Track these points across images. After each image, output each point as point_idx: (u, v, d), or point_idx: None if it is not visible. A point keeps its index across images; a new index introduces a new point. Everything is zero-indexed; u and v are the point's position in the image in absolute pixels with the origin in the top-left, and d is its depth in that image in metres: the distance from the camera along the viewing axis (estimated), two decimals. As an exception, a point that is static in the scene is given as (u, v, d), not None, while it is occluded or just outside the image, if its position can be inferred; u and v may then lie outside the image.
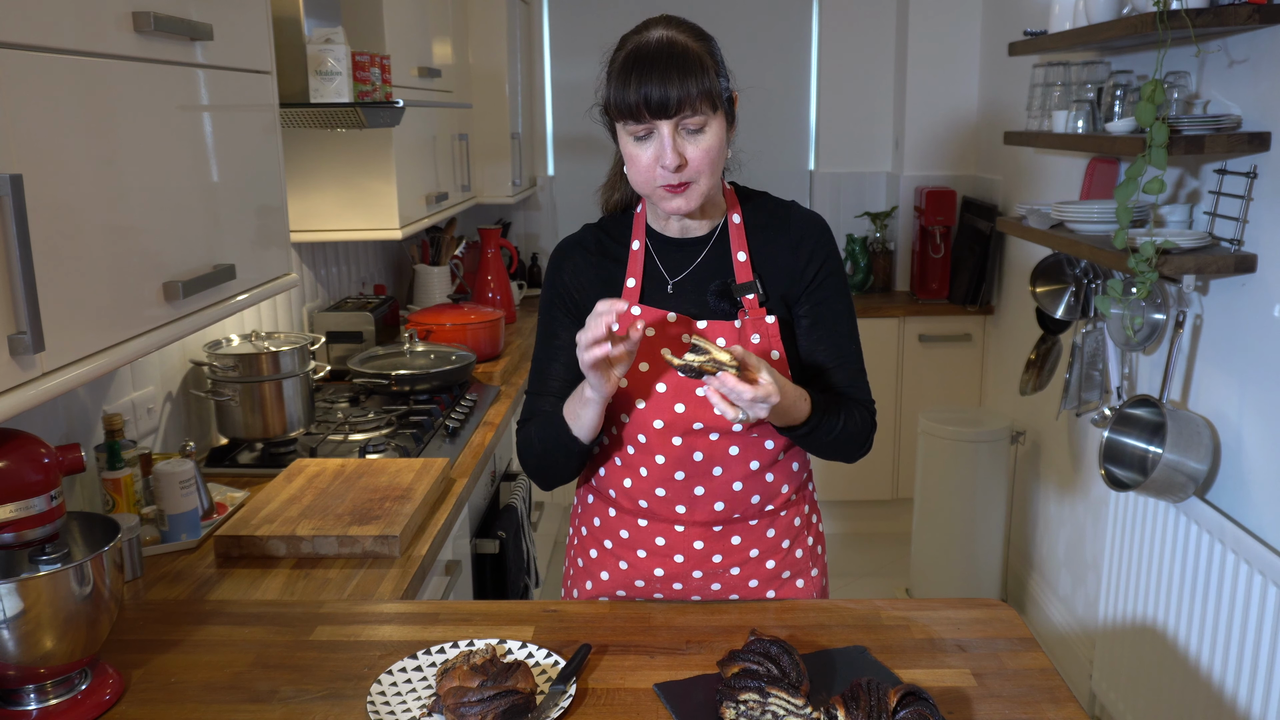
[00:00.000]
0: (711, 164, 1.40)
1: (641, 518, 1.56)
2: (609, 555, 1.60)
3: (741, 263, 1.50)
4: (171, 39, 1.40)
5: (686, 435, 1.49)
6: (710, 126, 1.38)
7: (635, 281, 1.52)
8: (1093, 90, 2.69)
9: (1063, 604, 3.27)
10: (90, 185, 1.22)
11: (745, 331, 1.48)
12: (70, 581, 1.19)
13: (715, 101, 1.37)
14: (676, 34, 1.39)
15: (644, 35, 1.39)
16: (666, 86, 1.34)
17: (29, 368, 1.10)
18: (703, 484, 1.51)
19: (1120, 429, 2.49)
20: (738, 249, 1.51)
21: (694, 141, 1.38)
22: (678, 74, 1.34)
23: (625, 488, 1.55)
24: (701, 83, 1.35)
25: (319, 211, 2.63)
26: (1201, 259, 2.16)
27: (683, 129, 1.37)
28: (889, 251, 4.35)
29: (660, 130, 1.37)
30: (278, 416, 2.22)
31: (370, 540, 1.73)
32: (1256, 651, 2.06)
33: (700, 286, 1.50)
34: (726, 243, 1.52)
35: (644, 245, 1.54)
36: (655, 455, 1.51)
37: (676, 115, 1.36)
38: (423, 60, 2.95)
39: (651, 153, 1.38)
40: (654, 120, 1.36)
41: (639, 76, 1.35)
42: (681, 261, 1.53)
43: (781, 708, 1.16)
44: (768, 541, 1.57)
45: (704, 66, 1.36)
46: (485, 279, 3.67)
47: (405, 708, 1.23)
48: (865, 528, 4.28)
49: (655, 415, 1.49)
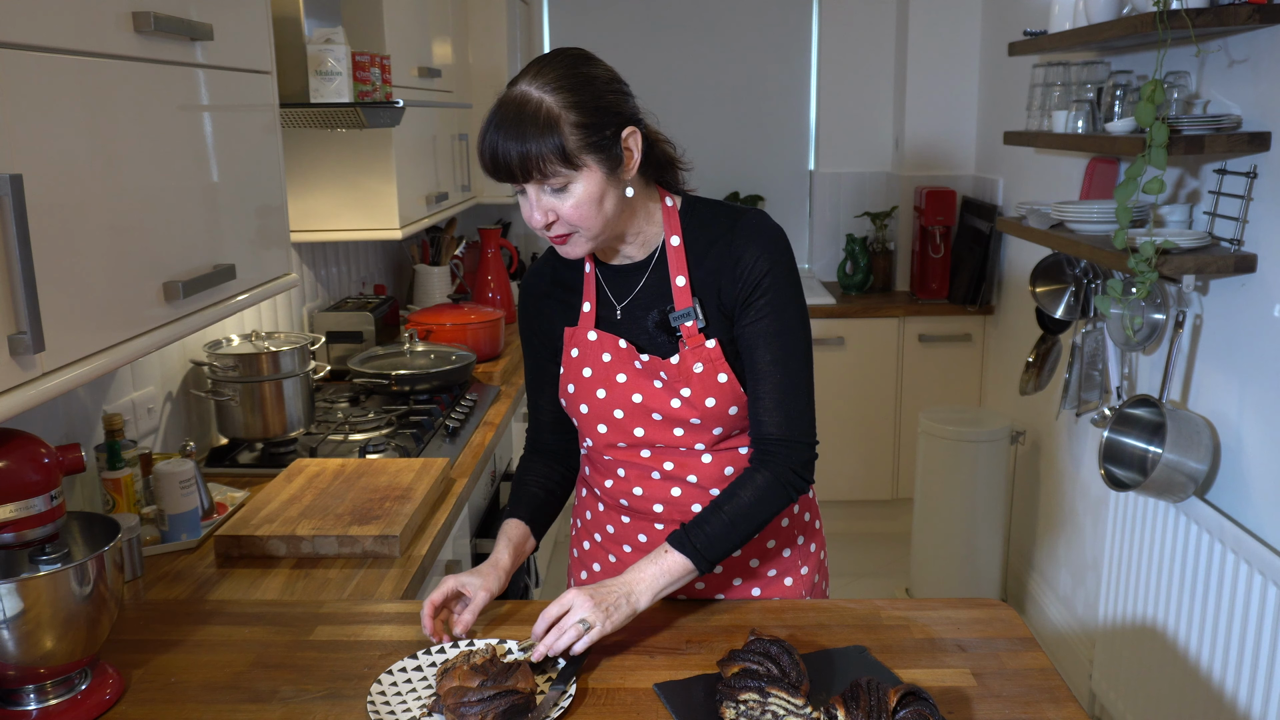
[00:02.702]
0: (586, 217, 1.34)
1: (624, 515, 1.57)
2: (599, 548, 1.62)
3: (680, 288, 1.44)
4: (171, 39, 1.40)
5: (653, 449, 1.50)
6: (576, 184, 1.32)
7: (590, 306, 1.50)
8: (1093, 90, 2.69)
9: (1063, 604, 3.27)
10: (90, 185, 1.22)
11: (686, 362, 1.44)
12: (70, 581, 1.19)
13: (573, 159, 1.30)
14: (533, 88, 1.30)
15: (509, 89, 1.33)
16: (509, 152, 1.29)
17: (29, 368, 1.10)
18: (680, 486, 1.51)
19: (1120, 429, 2.49)
20: (676, 273, 1.45)
21: (560, 199, 1.33)
22: (518, 138, 1.28)
23: (607, 487, 1.57)
24: (547, 144, 1.28)
25: (319, 211, 2.63)
26: (1201, 259, 2.16)
27: (547, 186, 1.32)
28: (889, 251, 4.35)
29: (526, 188, 1.34)
30: (278, 416, 2.22)
31: (370, 540, 1.73)
32: (1256, 651, 2.06)
33: (643, 312, 1.48)
34: (665, 267, 1.47)
35: (594, 268, 1.52)
36: (628, 465, 1.53)
37: (525, 180, 1.32)
38: (423, 60, 2.95)
39: (526, 208, 1.36)
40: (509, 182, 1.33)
41: (489, 137, 1.31)
42: (625, 286, 1.50)
43: (781, 708, 1.16)
44: (754, 542, 1.56)
45: (552, 126, 1.28)
46: (485, 279, 3.67)
47: (405, 708, 1.23)
48: (865, 528, 4.28)
49: (618, 438, 1.50)
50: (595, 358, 1.48)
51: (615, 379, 1.47)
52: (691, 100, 4.58)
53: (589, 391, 1.49)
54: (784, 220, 4.66)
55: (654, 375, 1.46)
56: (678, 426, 1.47)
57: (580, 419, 1.52)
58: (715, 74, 4.58)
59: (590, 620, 1.29)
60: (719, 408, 1.44)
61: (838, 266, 4.40)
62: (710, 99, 4.60)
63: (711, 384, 1.44)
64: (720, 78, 4.59)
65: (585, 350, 1.49)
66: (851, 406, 4.12)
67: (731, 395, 1.44)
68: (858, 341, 4.08)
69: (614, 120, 1.34)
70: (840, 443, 4.14)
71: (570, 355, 1.51)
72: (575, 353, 1.50)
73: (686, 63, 4.57)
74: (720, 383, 1.44)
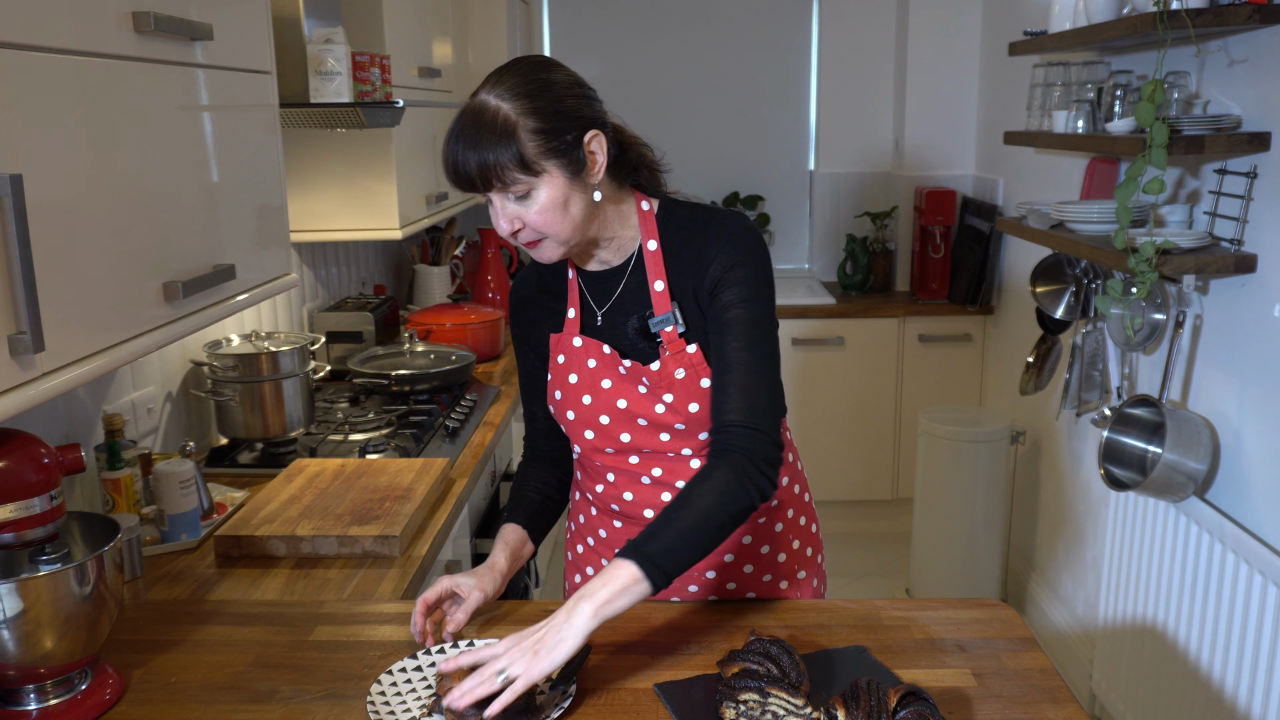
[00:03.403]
0: (551, 223, 1.33)
1: (616, 519, 1.57)
2: (592, 552, 1.62)
3: (659, 292, 1.43)
4: (171, 39, 1.40)
5: (641, 454, 1.50)
6: (538, 190, 1.31)
7: (574, 312, 1.50)
8: (1093, 90, 2.69)
9: (1063, 604, 3.26)
10: (90, 185, 1.22)
11: (668, 368, 1.42)
12: (70, 581, 1.19)
13: (531, 165, 1.29)
14: (490, 97, 1.30)
15: (470, 99, 1.32)
16: (468, 161, 1.29)
17: (29, 368, 1.10)
18: (669, 491, 1.50)
19: (1120, 429, 2.49)
20: (654, 277, 1.43)
21: (525, 206, 1.32)
22: (475, 147, 1.28)
23: (598, 492, 1.57)
24: (504, 152, 1.27)
25: (319, 211, 2.63)
26: (1201, 259, 2.16)
27: (510, 194, 1.32)
28: (889, 251, 4.35)
29: (491, 197, 1.33)
30: (278, 416, 2.22)
31: (370, 540, 1.73)
32: (1256, 651, 2.06)
33: (624, 318, 1.47)
34: (643, 271, 1.45)
35: (576, 274, 1.51)
36: (616, 471, 1.52)
37: (487, 189, 1.31)
38: (423, 60, 2.95)
39: (494, 216, 1.35)
40: (471, 191, 1.33)
41: (449, 147, 1.30)
42: (605, 291, 1.49)
43: (781, 708, 1.16)
44: (743, 548, 1.56)
45: (509, 133, 1.27)
46: (485, 279, 3.67)
47: (405, 708, 1.23)
48: (865, 528, 4.28)
49: (605, 443, 1.50)
50: (581, 364, 1.48)
51: (600, 385, 1.47)
52: (691, 100, 4.59)
53: (575, 398, 1.49)
54: (784, 220, 4.72)
55: (637, 381, 1.45)
56: (663, 432, 1.46)
57: (568, 425, 1.52)
58: (715, 74, 4.59)
59: (511, 673, 1.16)
60: (703, 413, 1.43)
61: (838, 266, 4.40)
62: (710, 99, 4.60)
63: (694, 389, 1.43)
64: (720, 78, 4.59)
65: (571, 356, 1.49)
66: (851, 406, 4.12)
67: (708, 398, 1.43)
68: (857, 341, 4.08)
69: (575, 124, 1.32)
70: (840, 443, 4.14)
71: (557, 361, 1.51)
72: (561, 359, 1.50)
73: (686, 62, 4.57)
74: (703, 388, 1.42)
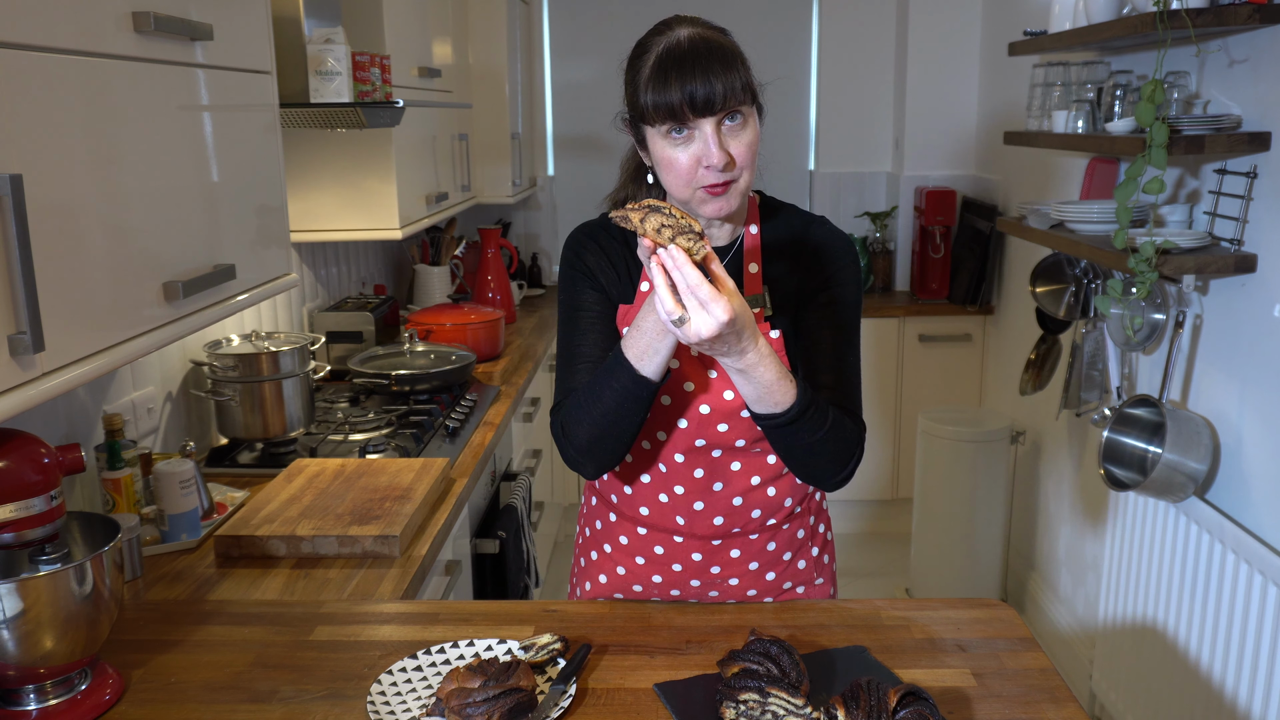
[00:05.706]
0: (754, 159, 1.36)
1: (641, 526, 1.55)
2: (608, 559, 1.60)
3: (753, 274, 1.46)
4: (171, 39, 1.40)
5: (689, 453, 1.47)
6: (750, 121, 1.35)
7: (650, 286, 1.46)
8: (1093, 90, 2.69)
9: (1063, 604, 3.26)
10: (90, 185, 1.22)
11: None
12: (70, 581, 1.19)
13: (753, 95, 1.35)
14: (704, 31, 1.35)
15: (671, 35, 1.34)
16: (710, 82, 1.29)
17: (29, 368, 1.10)
18: (702, 499, 1.50)
19: (1120, 429, 2.49)
20: (750, 260, 1.46)
21: (736, 137, 1.33)
22: (719, 69, 1.30)
23: (626, 494, 1.55)
24: (742, 76, 1.31)
25: (319, 211, 2.63)
26: (1201, 259, 2.16)
27: (723, 126, 1.33)
28: (889, 251, 4.35)
29: (703, 129, 1.32)
30: (278, 416, 2.22)
31: (370, 540, 1.73)
32: (1256, 651, 2.06)
33: None
34: (740, 255, 1.47)
35: None
36: (655, 468, 1.50)
37: (721, 111, 1.31)
38: (423, 60, 2.95)
39: (692, 154, 1.33)
40: (697, 119, 1.31)
41: (680, 75, 1.30)
42: None
43: (781, 708, 1.16)
44: (768, 554, 1.56)
45: (741, 60, 1.33)
46: (485, 279, 3.67)
47: (405, 708, 1.23)
48: (865, 528, 4.28)
49: (659, 428, 1.47)
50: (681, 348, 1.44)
51: (707, 374, 1.44)
52: (691, 100, 4.58)
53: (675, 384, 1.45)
54: (784, 220, 4.70)
55: (709, 364, 1.44)
56: (722, 422, 1.45)
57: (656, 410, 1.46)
58: (715, 74, 4.58)
59: (716, 299, 1.16)
60: None
61: (838, 266, 4.40)
62: (710, 99, 4.59)
63: None
64: (720, 78, 4.58)
65: None
66: (851, 406, 4.12)
67: None
68: (858, 341, 4.08)
69: None
70: (840, 443, 4.13)
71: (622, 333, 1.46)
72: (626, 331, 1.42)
73: (686, 63, 4.56)
74: None
